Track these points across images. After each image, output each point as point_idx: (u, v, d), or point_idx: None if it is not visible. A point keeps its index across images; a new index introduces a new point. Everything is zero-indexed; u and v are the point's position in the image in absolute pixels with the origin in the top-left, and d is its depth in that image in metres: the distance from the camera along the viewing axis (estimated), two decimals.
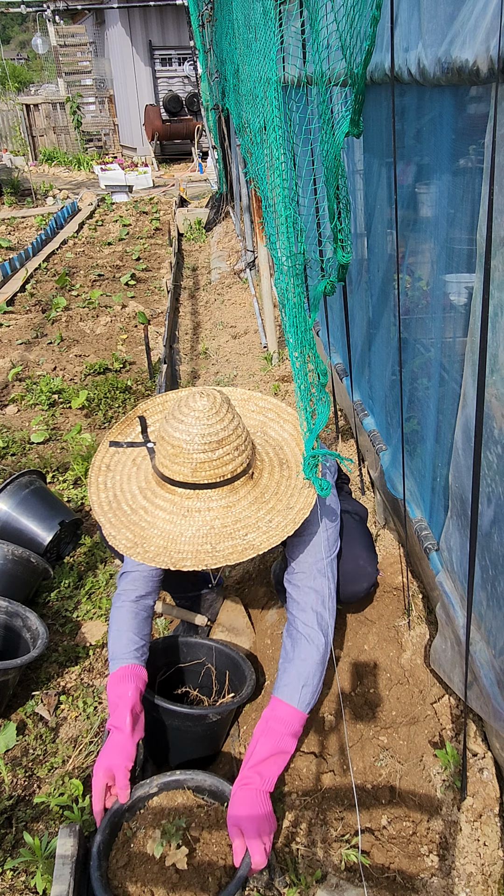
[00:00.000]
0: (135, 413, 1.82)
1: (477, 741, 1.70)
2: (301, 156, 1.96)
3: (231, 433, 1.55)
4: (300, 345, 1.65)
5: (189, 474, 1.54)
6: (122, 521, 1.59)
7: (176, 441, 1.52)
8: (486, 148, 1.17)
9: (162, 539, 1.54)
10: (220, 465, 1.54)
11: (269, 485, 1.63)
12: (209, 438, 1.51)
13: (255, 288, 5.64)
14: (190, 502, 1.56)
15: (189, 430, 1.51)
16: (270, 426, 1.81)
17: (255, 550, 1.50)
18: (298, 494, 1.61)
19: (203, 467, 1.53)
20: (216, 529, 1.53)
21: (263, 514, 1.57)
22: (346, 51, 1.25)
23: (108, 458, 1.75)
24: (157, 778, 1.65)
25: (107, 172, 12.29)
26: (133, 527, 1.57)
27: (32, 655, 1.97)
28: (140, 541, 1.54)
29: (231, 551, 1.50)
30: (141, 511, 1.60)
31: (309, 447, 1.63)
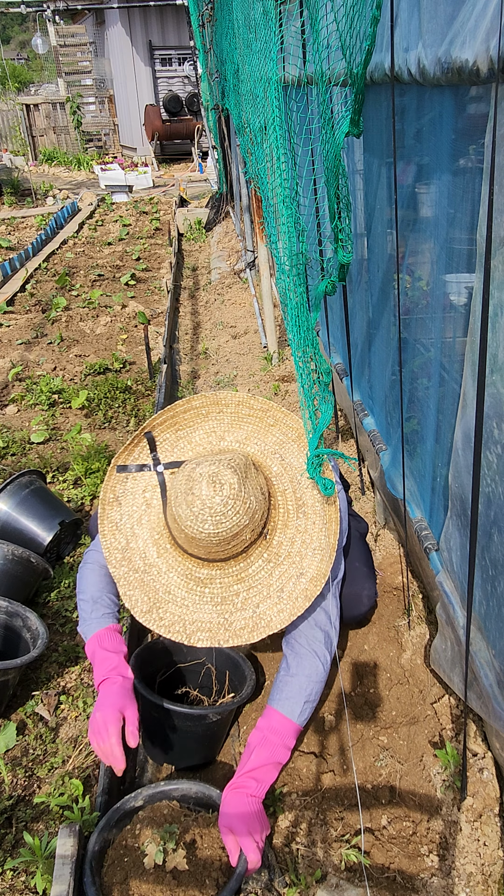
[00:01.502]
0: (142, 430, 1.73)
1: (477, 741, 1.70)
2: (301, 156, 1.96)
3: (248, 522, 1.48)
4: (303, 344, 1.65)
5: (202, 554, 1.53)
6: (137, 579, 1.57)
7: (189, 531, 1.48)
8: (486, 148, 1.17)
9: (175, 607, 1.53)
10: (234, 549, 1.52)
11: (283, 542, 1.58)
12: (224, 536, 1.48)
13: (255, 288, 5.64)
14: (203, 572, 1.56)
15: (203, 528, 1.46)
16: (289, 448, 1.71)
17: (269, 628, 1.50)
18: (311, 556, 1.56)
19: (216, 553, 1.52)
20: (227, 599, 1.54)
21: (276, 579, 1.55)
22: (346, 51, 1.25)
23: (117, 486, 1.67)
24: (143, 791, 1.64)
25: (107, 172, 12.28)
26: (147, 589, 1.56)
27: (32, 655, 1.97)
28: (155, 606, 1.54)
29: (244, 625, 1.50)
30: (154, 571, 1.57)
31: (313, 447, 1.63)
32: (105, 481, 1.69)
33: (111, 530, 1.64)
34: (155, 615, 1.52)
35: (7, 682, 1.95)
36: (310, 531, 1.59)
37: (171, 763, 1.86)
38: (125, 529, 1.63)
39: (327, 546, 1.56)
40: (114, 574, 1.58)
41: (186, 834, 1.54)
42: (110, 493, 1.67)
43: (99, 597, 1.73)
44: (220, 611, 1.52)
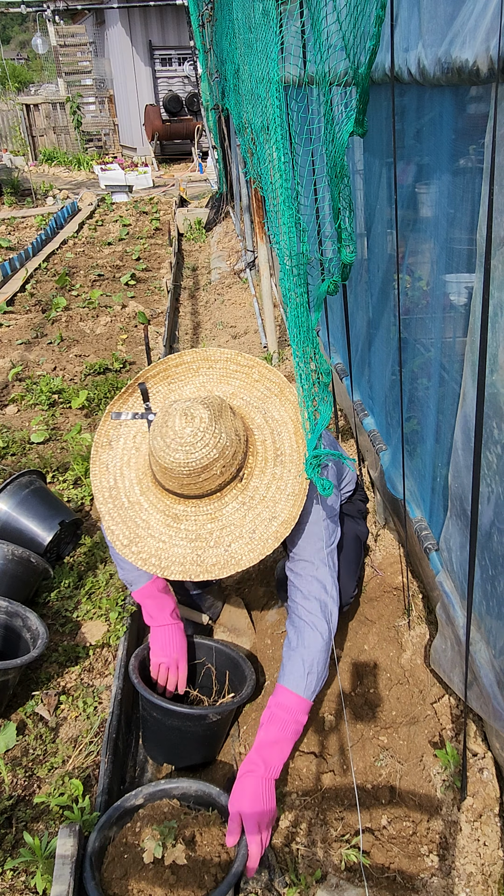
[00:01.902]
0: (136, 381, 1.81)
1: (477, 741, 1.70)
2: (302, 156, 1.97)
3: (217, 456, 1.53)
4: (303, 345, 1.65)
5: (177, 488, 1.58)
6: (119, 514, 1.65)
7: (162, 463, 1.54)
8: (486, 148, 1.18)
9: (153, 541, 1.60)
10: (207, 484, 1.56)
11: (259, 487, 1.63)
12: (193, 466, 1.52)
13: (255, 288, 5.64)
14: (179, 507, 1.61)
15: (174, 456, 1.51)
16: (272, 402, 1.77)
17: (238, 565, 1.55)
18: (285, 501, 1.61)
19: (189, 487, 1.57)
20: (202, 537, 1.58)
21: (249, 521, 1.59)
22: (349, 51, 1.25)
23: (110, 431, 1.78)
24: (143, 789, 1.65)
25: (107, 172, 12.28)
26: (129, 523, 1.63)
27: (32, 655, 1.97)
28: (135, 539, 1.61)
29: (215, 562, 1.56)
30: (137, 507, 1.65)
31: (311, 447, 1.63)
32: (99, 426, 1.78)
33: (101, 471, 1.73)
34: (134, 548, 1.60)
35: (7, 682, 1.95)
36: (285, 478, 1.64)
37: (171, 763, 1.86)
38: (114, 470, 1.72)
39: (301, 491, 1.61)
40: (100, 510, 1.67)
41: (186, 830, 1.54)
42: (103, 437, 1.77)
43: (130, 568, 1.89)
44: (193, 547, 1.58)
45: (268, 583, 2.45)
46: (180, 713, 1.73)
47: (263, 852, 1.51)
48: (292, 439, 1.69)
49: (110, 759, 1.78)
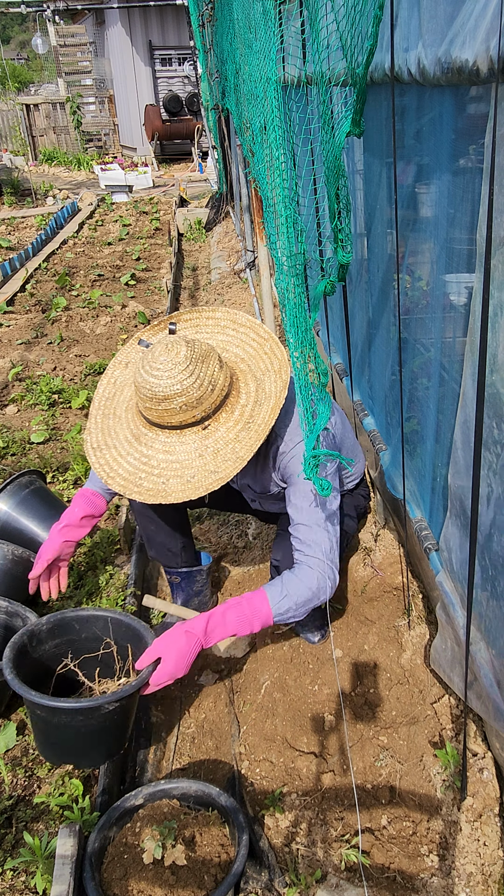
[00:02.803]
0: (169, 318, 1.94)
1: (477, 741, 1.70)
2: (301, 155, 1.97)
3: (180, 391, 1.66)
4: (301, 345, 1.65)
5: (143, 410, 1.75)
6: (104, 423, 1.86)
7: (136, 379, 1.71)
8: (486, 148, 1.17)
9: (114, 452, 1.80)
10: (167, 415, 1.70)
11: (218, 441, 1.74)
12: (155, 392, 1.67)
13: (255, 288, 5.64)
14: (143, 430, 1.79)
15: (144, 377, 1.68)
16: (269, 377, 1.86)
17: (166, 499, 1.68)
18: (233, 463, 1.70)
19: (150, 411, 1.72)
20: (149, 464, 1.74)
21: (195, 466, 1.72)
22: (347, 51, 1.25)
23: (131, 354, 1.98)
24: (143, 789, 1.65)
25: (107, 172, 12.28)
26: (107, 431, 1.85)
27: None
28: (101, 446, 1.82)
29: (149, 487, 1.71)
30: (117, 419, 1.86)
31: (310, 447, 1.63)
32: (122, 348, 1.99)
33: (107, 383, 1.95)
34: (98, 453, 1.81)
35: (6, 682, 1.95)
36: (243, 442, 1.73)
37: (71, 763, 1.71)
38: (119, 385, 1.93)
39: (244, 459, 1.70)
40: (91, 412, 1.90)
41: (185, 831, 1.54)
42: (122, 357, 1.98)
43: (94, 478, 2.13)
44: (139, 467, 1.75)
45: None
46: (69, 709, 1.53)
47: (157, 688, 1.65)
48: (267, 414, 1.78)
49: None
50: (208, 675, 2.17)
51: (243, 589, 2.49)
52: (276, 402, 1.77)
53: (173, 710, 2.07)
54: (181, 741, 1.97)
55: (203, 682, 2.15)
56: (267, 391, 1.82)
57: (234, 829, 1.55)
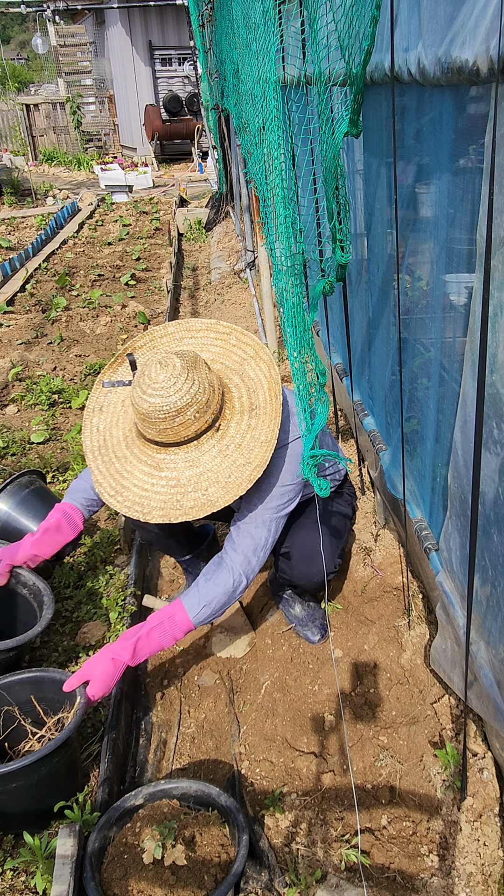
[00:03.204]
0: (124, 351, 1.95)
1: (477, 741, 1.70)
2: (300, 155, 1.97)
3: (190, 400, 1.66)
4: (299, 345, 1.65)
5: (156, 435, 1.71)
6: (107, 468, 1.80)
7: (140, 409, 1.68)
8: (486, 148, 1.17)
9: (137, 489, 1.74)
10: (183, 429, 1.69)
11: (235, 436, 1.76)
12: (167, 410, 1.65)
13: (255, 288, 5.63)
14: (160, 456, 1.74)
15: (150, 400, 1.65)
16: (249, 364, 1.90)
17: (214, 507, 1.67)
18: (259, 448, 1.74)
19: (166, 432, 1.69)
20: (181, 483, 1.71)
21: (225, 467, 1.72)
22: (344, 51, 1.24)
23: (101, 398, 1.91)
24: (143, 789, 1.65)
25: (107, 172, 12.27)
26: (116, 476, 1.77)
27: (48, 617, 1.96)
28: (120, 490, 1.75)
29: (193, 505, 1.68)
30: (122, 460, 1.79)
31: (308, 447, 1.63)
32: (91, 394, 1.92)
33: (91, 433, 1.88)
34: (119, 498, 1.75)
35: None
36: (259, 427, 1.77)
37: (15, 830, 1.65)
38: (103, 431, 1.87)
39: (273, 438, 1.74)
40: (90, 467, 1.83)
41: (185, 831, 1.54)
42: (94, 404, 1.91)
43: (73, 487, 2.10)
44: (174, 493, 1.71)
45: (266, 583, 2.45)
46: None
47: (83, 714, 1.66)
48: (266, 394, 1.82)
49: (110, 759, 1.78)
50: (208, 675, 2.17)
51: None
52: (269, 383, 1.82)
53: (173, 710, 2.07)
54: (181, 741, 1.97)
55: (203, 682, 2.15)
56: (252, 376, 1.85)
57: (234, 829, 1.55)
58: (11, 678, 1.82)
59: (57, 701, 1.79)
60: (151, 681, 2.17)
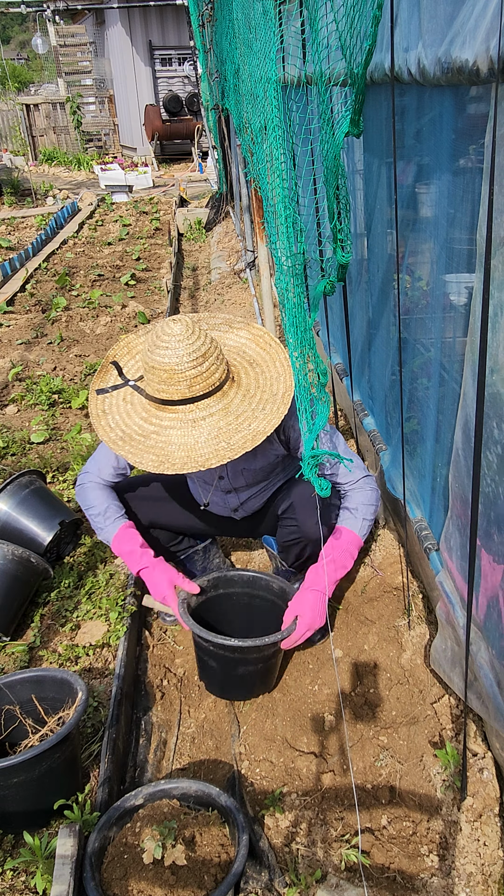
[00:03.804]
0: (107, 360, 1.99)
1: (477, 741, 1.70)
2: (301, 156, 1.97)
3: (210, 347, 1.74)
4: (300, 345, 1.65)
5: (186, 390, 1.73)
6: (140, 448, 1.78)
7: (167, 365, 1.71)
8: (486, 148, 1.17)
9: (182, 450, 1.75)
10: (210, 376, 1.74)
11: (250, 382, 1.86)
12: (195, 355, 1.70)
13: (255, 288, 5.64)
14: (193, 414, 1.77)
15: (176, 352, 1.70)
16: (227, 337, 2.01)
17: (263, 434, 1.74)
18: (276, 382, 1.85)
19: (197, 381, 1.73)
20: (223, 429, 1.76)
21: (255, 404, 1.80)
22: (345, 51, 1.24)
23: (100, 404, 1.92)
24: (143, 789, 1.65)
25: (107, 172, 12.27)
26: (153, 449, 1.77)
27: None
28: (164, 458, 1.75)
29: (244, 441, 1.73)
30: (153, 435, 1.80)
31: (308, 447, 1.62)
32: (89, 404, 1.93)
33: (106, 430, 1.87)
34: (167, 464, 1.74)
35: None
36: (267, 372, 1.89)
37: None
38: (119, 424, 1.87)
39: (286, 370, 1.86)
40: (122, 454, 1.80)
41: (185, 831, 1.54)
42: (97, 409, 1.91)
43: (106, 506, 2.13)
44: (218, 440, 1.75)
45: None
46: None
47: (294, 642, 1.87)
48: (253, 348, 1.95)
49: (110, 759, 1.78)
50: None
51: None
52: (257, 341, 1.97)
53: (173, 710, 2.07)
54: (181, 741, 1.97)
55: (203, 682, 2.15)
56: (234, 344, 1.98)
57: (234, 829, 1.55)
58: (13, 677, 1.82)
59: (58, 700, 1.79)
60: (151, 681, 2.17)
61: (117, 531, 2.10)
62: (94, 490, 2.14)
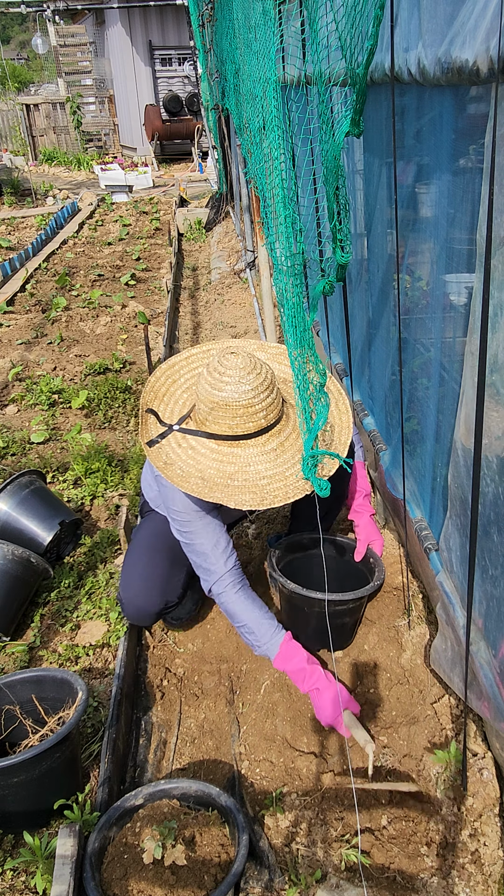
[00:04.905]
0: (143, 409, 1.90)
1: (477, 741, 1.70)
2: (301, 155, 1.97)
3: (269, 373, 1.74)
4: (299, 345, 1.65)
5: (262, 420, 1.71)
6: (231, 490, 1.67)
7: (242, 399, 1.68)
8: (486, 148, 1.17)
9: (278, 481, 1.68)
10: (278, 402, 1.75)
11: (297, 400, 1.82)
12: (265, 384, 1.70)
13: (255, 288, 5.64)
14: (270, 444, 1.74)
15: (249, 385, 1.68)
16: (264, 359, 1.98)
17: (346, 445, 1.77)
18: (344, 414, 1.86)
19: (271, 409, 1.72)
20: (302, 450, 1.71)
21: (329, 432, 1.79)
22: (346, 51, 1.24)
23: (158, 455, 1.79)
24: (143, 789, 1.65)
25: (107, 172, 12.27)
26: (246, 487, 1.68)
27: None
28: (264, 494, 1.67)
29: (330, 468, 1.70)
30: (238, 475, 1.71)
31: (308, 447, 1.63)
32: (148, 458, 1.82)
33: (182, 481, 1.72)
34: (269, 500, 1.66)
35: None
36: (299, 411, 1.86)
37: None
38: (191, 472, 1.73)
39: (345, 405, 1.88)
40: (215, 499, 1.66)
41: (185, 831, 1.54)
42: (160, 462, 1.77)
43: (256, 619, 1.86)
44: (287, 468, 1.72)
45: (266, 583, 2.45)
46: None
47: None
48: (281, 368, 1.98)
49: (110, 758, 1.78)
50: (208, 676, 2.17)
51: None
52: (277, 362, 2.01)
53: (173, 710, 2.07)
54: (181, 741, 1.97)
55: (203, 682, 2.15)
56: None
57: (234, 829, 1.55)
58: (13, 677, 1.82)
59: (58, 700, 1.79)
60: (151, 681, 2.17)
61: (279, 649, 1.83)
62: (233, 601, 1.87)
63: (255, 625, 1.85)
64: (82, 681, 1.77)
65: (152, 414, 1.86)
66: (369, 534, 2.16)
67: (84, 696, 1.71)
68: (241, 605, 1.86)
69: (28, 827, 1.64)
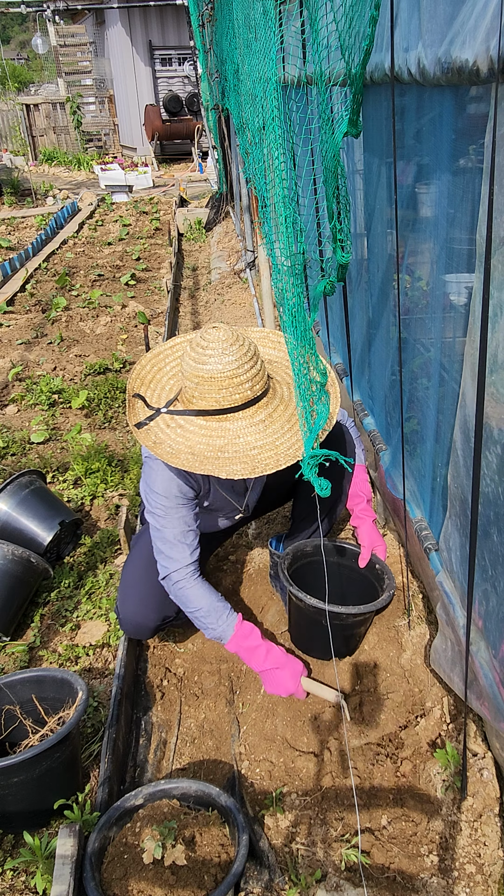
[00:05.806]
0: (129, 395, 1.92)
1: (477, 741, 1.70)
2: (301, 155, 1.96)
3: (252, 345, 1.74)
4: (300, 345, 1.65)
5: (248, 392, 1.71)
6: (221, 462, 1.69)
7: (227, 371, 1.67)
8: (486, 148, 1.17)
9: (268, 450, 1.70)
10: (264, 374, 1.75)
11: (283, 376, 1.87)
12: (249, 355, 1.70)
13: (255, 288, 5.64)
14: (258, 416, 1.74)
15: (230, 357, 1.68)
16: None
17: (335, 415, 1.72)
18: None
19: (256, 380, 1.72)
20: (291, 419, 1.74)
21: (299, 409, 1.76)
22: (344, 51, 1.24)
23: (149, 437, 1.80)
24: (143, 789, 1.65)
25: (107, 172, 12.27)
26: (237, 457, 1.69)
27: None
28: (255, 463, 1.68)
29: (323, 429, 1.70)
30: (228, 447, 1.72)
31: (308, 447, 1.62)
32: (139, 440, 1.81)
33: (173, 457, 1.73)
34: (260, 468, 1.67)
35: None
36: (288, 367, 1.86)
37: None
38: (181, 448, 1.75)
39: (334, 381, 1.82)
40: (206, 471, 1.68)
41: (185, 831, 1.54)
42: (150, 442, 1.78)
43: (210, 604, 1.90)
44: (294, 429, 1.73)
45: (266, 583, 2.45)
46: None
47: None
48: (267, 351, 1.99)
49: (110, 758, 1.78)
50: (208, 676, 2.17)
51: (244, 588, 2.49)
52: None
53: (173, 710, 2.07)
54: (181, 741, 1.97)
55: (203, 682, 2.15)
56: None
57: (234, 829, 1.55)
58: (13, 677, 1.82)
59: (58, 700, 1.79)
60: (151, 681, 2.17)
61: (234, 630, 1.89)
62: (191, 587, 1.91)
63: (210, 608, 1.89)
64: (82, 681, 1.77)
65: (140, 398, 1.88)
66: (373, 539, 2.15)
67: (84, 696, 1.71)
68: (198, 592, 1.91)
69: (28, 827, 1.64)
